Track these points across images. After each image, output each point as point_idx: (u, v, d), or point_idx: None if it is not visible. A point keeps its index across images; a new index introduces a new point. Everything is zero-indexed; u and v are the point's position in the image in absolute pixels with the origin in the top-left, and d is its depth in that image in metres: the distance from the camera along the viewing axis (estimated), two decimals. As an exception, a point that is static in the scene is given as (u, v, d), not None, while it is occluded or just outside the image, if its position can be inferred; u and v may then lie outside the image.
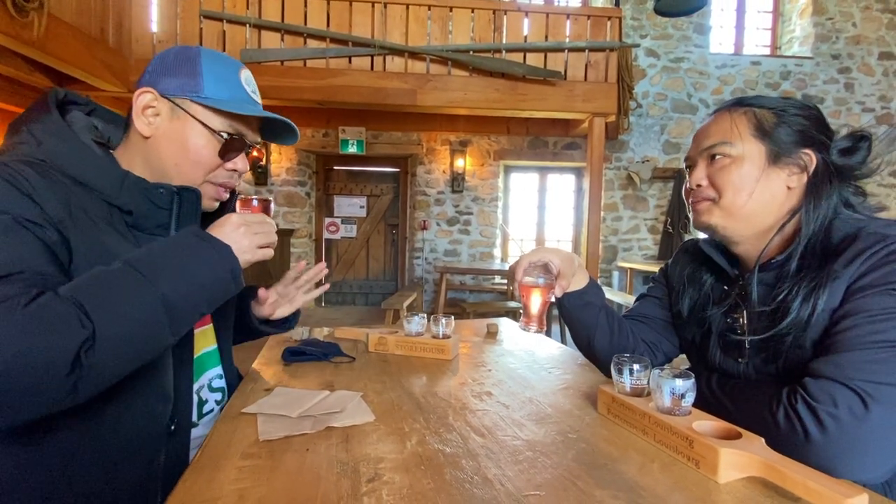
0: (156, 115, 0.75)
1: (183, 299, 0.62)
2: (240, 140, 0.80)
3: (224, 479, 0.55)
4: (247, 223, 0.72)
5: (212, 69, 0.76)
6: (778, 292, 0.71)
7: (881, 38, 5.98)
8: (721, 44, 6.15)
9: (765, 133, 0.75)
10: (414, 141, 5.84)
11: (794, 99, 0.81)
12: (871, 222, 0.70)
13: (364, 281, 6.24)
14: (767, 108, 0.77)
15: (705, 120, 0.84)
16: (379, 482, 0.54)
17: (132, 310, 0.58)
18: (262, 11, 4.08)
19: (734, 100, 0.82)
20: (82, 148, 0.72)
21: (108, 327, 0.56)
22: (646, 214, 6.06)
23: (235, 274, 0.69)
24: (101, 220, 0.70)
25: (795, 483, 0.51)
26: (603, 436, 0.69)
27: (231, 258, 0.68)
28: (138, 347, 0.60)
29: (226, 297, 0.70)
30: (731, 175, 0.76)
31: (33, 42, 2.70)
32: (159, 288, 0.60)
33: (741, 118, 0.78)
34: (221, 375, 0.91)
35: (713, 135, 0.80)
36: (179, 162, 0.77)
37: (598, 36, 4.41)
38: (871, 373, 0.58)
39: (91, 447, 0.66)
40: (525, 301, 0.90)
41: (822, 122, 0.77)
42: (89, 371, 0.54)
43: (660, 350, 0.97)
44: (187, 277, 0.63)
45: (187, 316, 0.65)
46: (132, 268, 0.61)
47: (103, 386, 0.58)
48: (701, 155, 0.81)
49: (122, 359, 0.58)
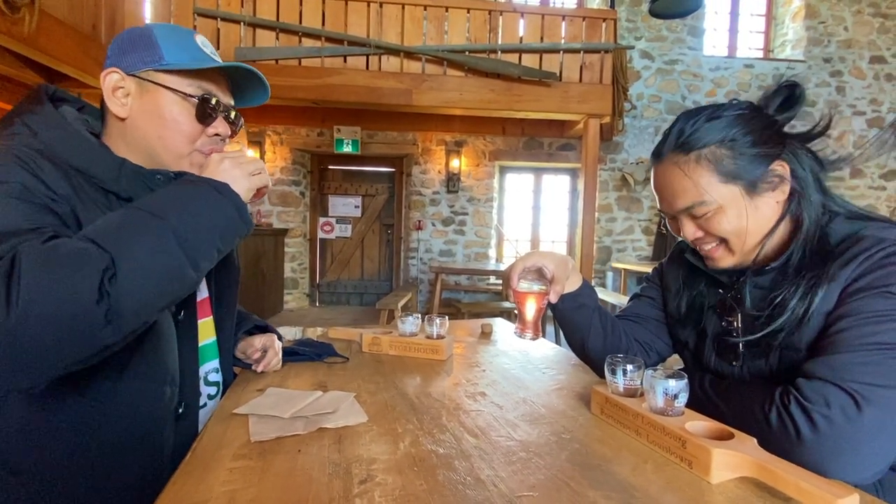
0: (126, 94, 0.75)
1: (193, 233, 0.62)
2: (213, 101, 0.79)
3: (214, 480, 0.55)
4: (229, 156, 0.72)
5: (167, 37, 0.76)
6: (776, 294, 0.71)
7: (872, 41, 6.04)
8: (715, 46, 6.19)
9: (729, 173, 0.71)
10: (409, 141, 5.83)
11: (727, 109, 0.74)
12: (869, 225, 0.70)
13: (359, 281, 6.22)
14: (716, 144, 0.71)
15: (654, 171, 0.79)
16: (371, 483, 0.54)
17: (146, 240, 0.58)
18: (256, 9, 4.06)
19: (675, 139, 0.74)
20: (79, 137, 0.72)
21: (126, 257, 0.56)
22: (640, 215, 6.08)
23: (239, 207, 0.68)
24: (101, 207, 0.70)
25: (787, 483, 0.51)
26: (596, 436, 0.68)
27: (229, 190, 0.68)
28: (160, 279, 0.59)
29: (237, 233, 0.69)
30: (724, 224, 0.73)
31: (24, 39, 2.66)
32: (168, 221, 0.60)
33: (696, 170, 0.72)
34: (218, 369, 0.91)
35: (680, 195, 0.74)
36: (162, 134, 0.76)
37: (593, 37, 4.43)
38: (864, 374, 0.58)
39: (100, 430, 0.67)
40: (520, 308, 0.89)
41: (763, 119, 0.73)
42: (118, 300, 0.54)
43: (653, 350, 0.97)
44: (193, 212, 0.63)
45: (202, 250, 0.64)
46: (137, 208, 0.62)
47: (139, 321, 0.58)
48: (680, 213, 0.77)
49: (148, 289, 0.58)
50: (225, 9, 4.03)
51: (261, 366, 0.97)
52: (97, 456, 0.67)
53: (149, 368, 0.71)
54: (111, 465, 0.68)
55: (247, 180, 0.71)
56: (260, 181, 0.74)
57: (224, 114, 0.81)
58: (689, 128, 0.74)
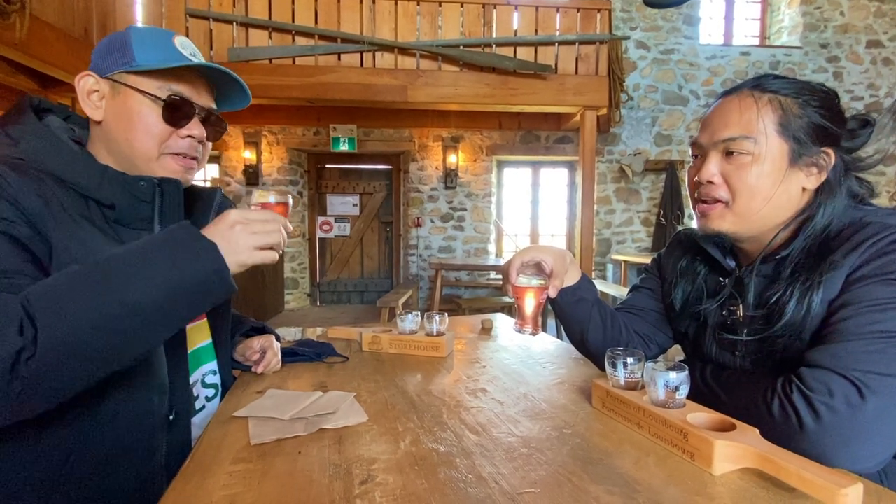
0: (101, 98, 0.75)
1: (154, 304, 0.58)
2: (183, 102, 0.77)
3: (214, 485, 0.54)
4: (245, 220, 0.66)
5: (142, 40, 0.75)
6: (773, 292, 0.71)
7: (869, 26, 6.01)
8: (710, 35, 6.15)
9: (788, 129, 0.69)
10: (406, 138, 5.81)
11: (813, 83, 0.73)
12: (872, 212, 0.69)
13: (359, 279, 6.22)
14: (792, 96, 0.70)
15: (722, 100, 0.75)
16: (372, 484, 0.54)
17: (87, 315, 0.54)
18: (248, 9, 4.03)
19: (754, 80, 0.73)
20: (60, 145, 0.72)
21: (55, 334, 0.52)
22: (639, 207, 6.07)
23: (222, 276, 0.63)
24: (80, 216, 0.69)
25: (790, 473, 0.50)
26: (598, 430, 0.68)
27: (216, 259, 0.62)
28: (95, 356, 0.56)
29: (212, 301, 0.65)
30: (750, 176, 0.70)
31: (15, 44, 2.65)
32: (124, 293, 0.56)
33: (767, 108, 0.70)
34: (216, 371, 0.91)
35: (733, 125, 0.71)
36: (130, 136, 0.75)
37: (587, 29, 4.41)
38: (867, 363, 0.58)
39: (90, 442, 0.66)
40: (519, 303, 0.89)
41: (839, 113, 0.72)
42: (34, 380, 0.52)
43: (654, 342, 0.97)
44: (160, 280, 0.58)
45: (165, 321, 0.61)
46: (99, 269, 0.57)
47: (66, 394, 0.56)
48: (715, 146, 0.73)
49: (75, 368, 0.55)
50: (217, 9, 4.00)
51: (260, 367, 0.96)
52: (87, 468, 0.66)
53: (136, 378, 0.69)
54: (102, 476, 0.67)
55: (247, 254, 0.65)
56: (262, 258, 0.68)
57: (200, 116, 0.79)
58: (773, 76, 0.74)
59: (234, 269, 0.65)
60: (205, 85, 0.81)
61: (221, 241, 0.63)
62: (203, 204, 0.90)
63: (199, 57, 0.80)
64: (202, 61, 0.79)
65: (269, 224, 0.67)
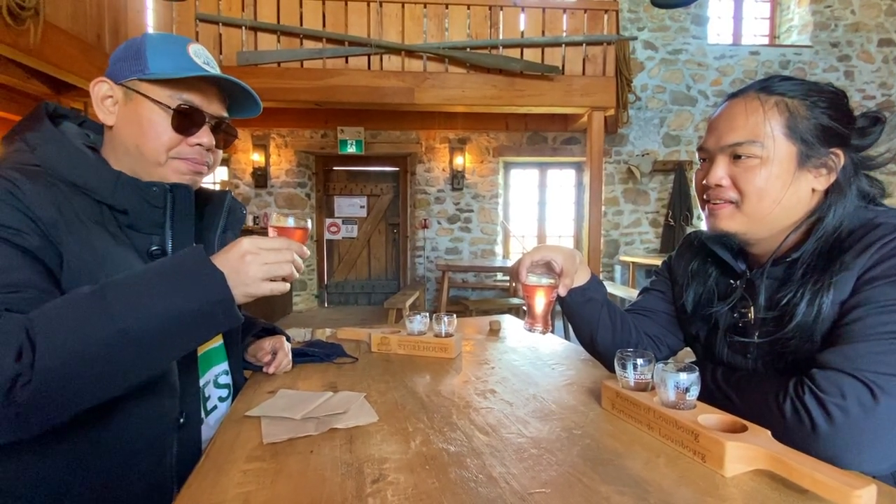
0: (115, 103, 0.76)
1: (153, 333, 0.57)
2: (193, 111, 0.78)
3: (228, 483, 0.55)
4: (256, 250, 0.64)
5: (156, 47, 0.77)
6: (784, 294, 0.70)
7: (880, 24, 5.94)
8: (719, 34, 6.11)
9: (796, 131, 0.69)
10: (413, 139, 5.83)
11: (820, 84, 0.73)
12: (884, 213, 0.68)
13: (366, 281, 6.24)
14: (799, 98, 0.70)
15: (728, 103, 0.75)
16: (384, 483, 0.54)
17: (84, 343, 0.54)
18: (257, 13, 4.07)
19: (761, 82, 0.73)
20: (74, 151, 0.73)
21: (52, 362, 0.53)
22: (647, 208, 6.04)
23: (226, 306, 0.61)
24: (93, 222, 0.70)
25: (803, 475, 0.50)
26: (608, 431, 0.68)
27: (221, 289, 0.61)
28: (93, 384, 0.56)
29: (217, 330, 0.65)
30: (759, 179, 0.70)
31: (29, 50, 2.70)
32: (124, 321, 0.56)
33: (773, 111, 0.70)
34: (228, 372, 0.92)
35: (739, 129, 0.71)
36: (139, 142, 0.76)
37: (595, 30, 4.40)
38: (880, 364, 0.57)
39: (101, 446, 0.67)
40: (529, 302, 0.89)
41: (848, 113, 0.72)
42: (29, 406, 0.52)
43: (664, 343, 0.97)
44: (160, 309, 0.57)
45: (164, 351, 0.61)
46: (101, 295, 0.57)
47: (63, 418, 0.57)
48: (722, 151, 0.74)
49: (72, 395, 0.55)
50: (226, 14, 4.04)
51: (272, 367, 0.98)
52: (98, 472, 0.67)
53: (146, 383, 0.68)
54: (113, 479, 0.68)
55: (255, 286, 0.64)
56: (271, 289, 0.66)
57: (210, 124, 0.80)
58: (779, 78, 0.73)
59: (240, 300, 0.64)
60: (216, 93, 0.82)
61: (230, 271, 0.62)
62: (213, 207, 0.92)
63: (213, 64, 0.82)
64: (215, 69, 0.80)
65: (281, 254, 0.66)
